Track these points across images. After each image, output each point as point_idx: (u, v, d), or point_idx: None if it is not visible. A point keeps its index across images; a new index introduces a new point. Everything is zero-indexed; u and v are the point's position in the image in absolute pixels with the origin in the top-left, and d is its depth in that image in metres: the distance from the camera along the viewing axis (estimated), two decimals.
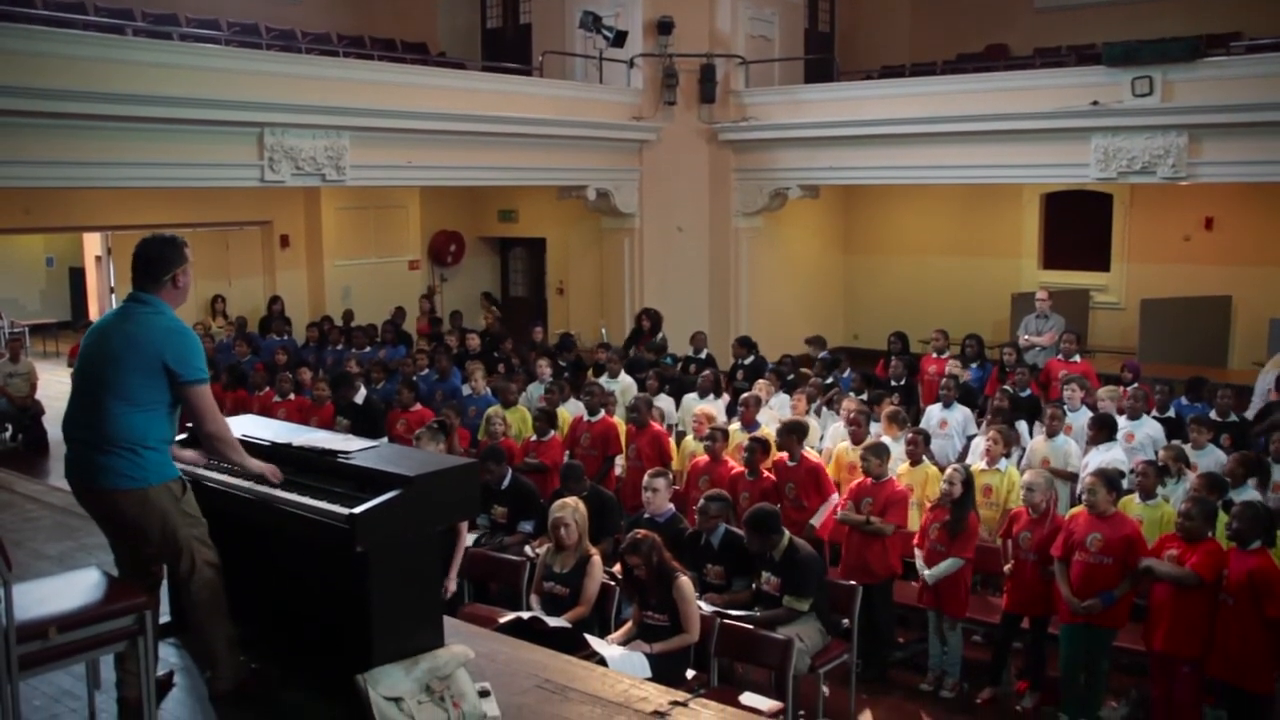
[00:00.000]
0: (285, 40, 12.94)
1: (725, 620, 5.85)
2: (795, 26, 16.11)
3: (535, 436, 8.79)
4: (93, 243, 20.58)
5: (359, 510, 3.73)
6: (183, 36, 11.17)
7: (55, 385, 14.74)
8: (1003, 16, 16.15)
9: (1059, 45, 14.64)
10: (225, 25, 12.48)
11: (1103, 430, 7.93)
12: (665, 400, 10.06)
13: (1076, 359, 10.69)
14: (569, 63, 15.23)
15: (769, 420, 9.12)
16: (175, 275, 3.95)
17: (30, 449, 12.92)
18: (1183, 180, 11.86)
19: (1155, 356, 13.10)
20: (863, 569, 6.93)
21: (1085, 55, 13.16)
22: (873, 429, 8.71)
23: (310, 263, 15.85)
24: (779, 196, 15.12)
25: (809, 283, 17.13)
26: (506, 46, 16.07)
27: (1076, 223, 16.10)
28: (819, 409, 9.70)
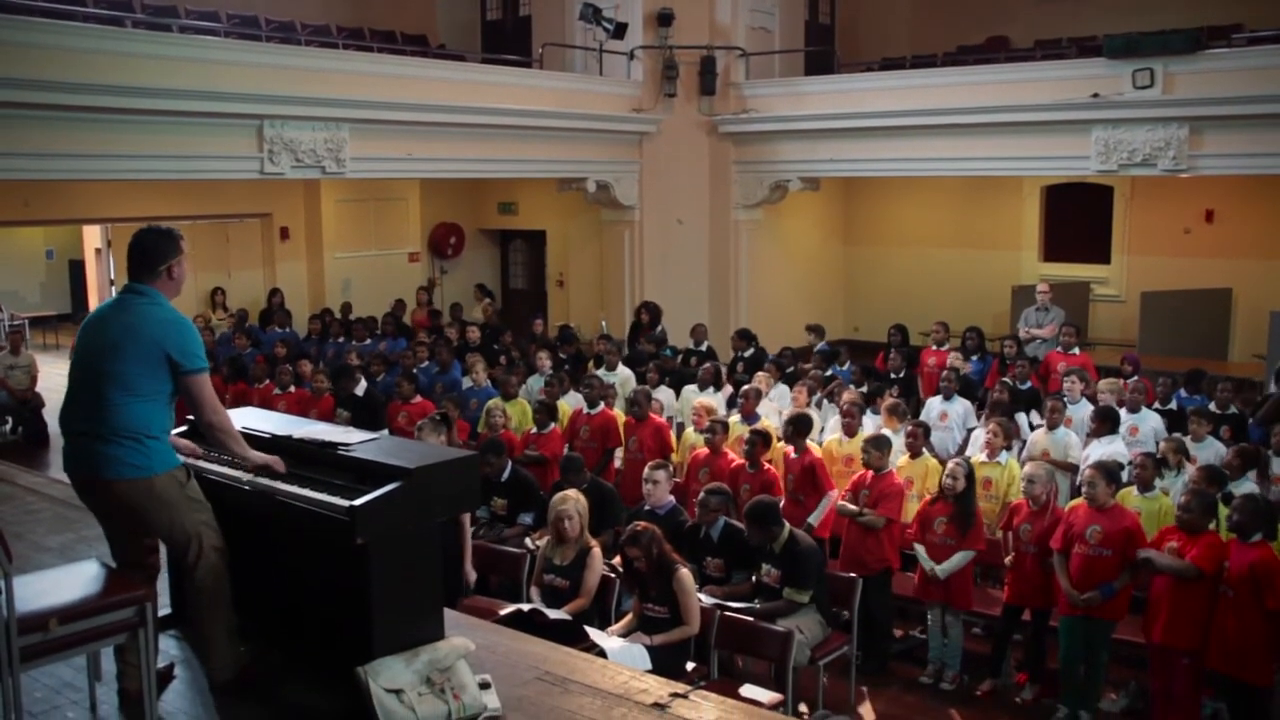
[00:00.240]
0: (285, 32, 12.91)
1: (725, 612, 5.86)
2: (795, 18, 16.07)
3: (535, 429, 8.80)
4: (92, 235, 20.54)
5: (359, 502, 3.74)
6: (182, 28, 11.14)
7: (55, 378, 14.73)
8: (1003, 8, 16.12)
9: (1060, 37, 14.62)
10: (224, 17, 12.45)
11: (1105, 423, 7.93)
12: (665, 392, 10.06)
13: (1076, 351, 10.69)
14: (569, 55, 15.21)
15: (769, 412, 9.12)
16: (170, 266, 3.96)
17: (30, 441, 12.93)
18: (1183, 172, 11.85)
19: (1155, 349, 13.10)
20: (858, 560, 6.94)
21: (1086, 47, 13.11)
22: (872, 421, 8.72)
23: (310, 255, 15.84)
24: (779, 189, 15.11)
25: (809, 275, 17.13)
26: (506, 38, 16.04)
27: (1077, 215, 16.10)
28: (819, 402, 9.70)
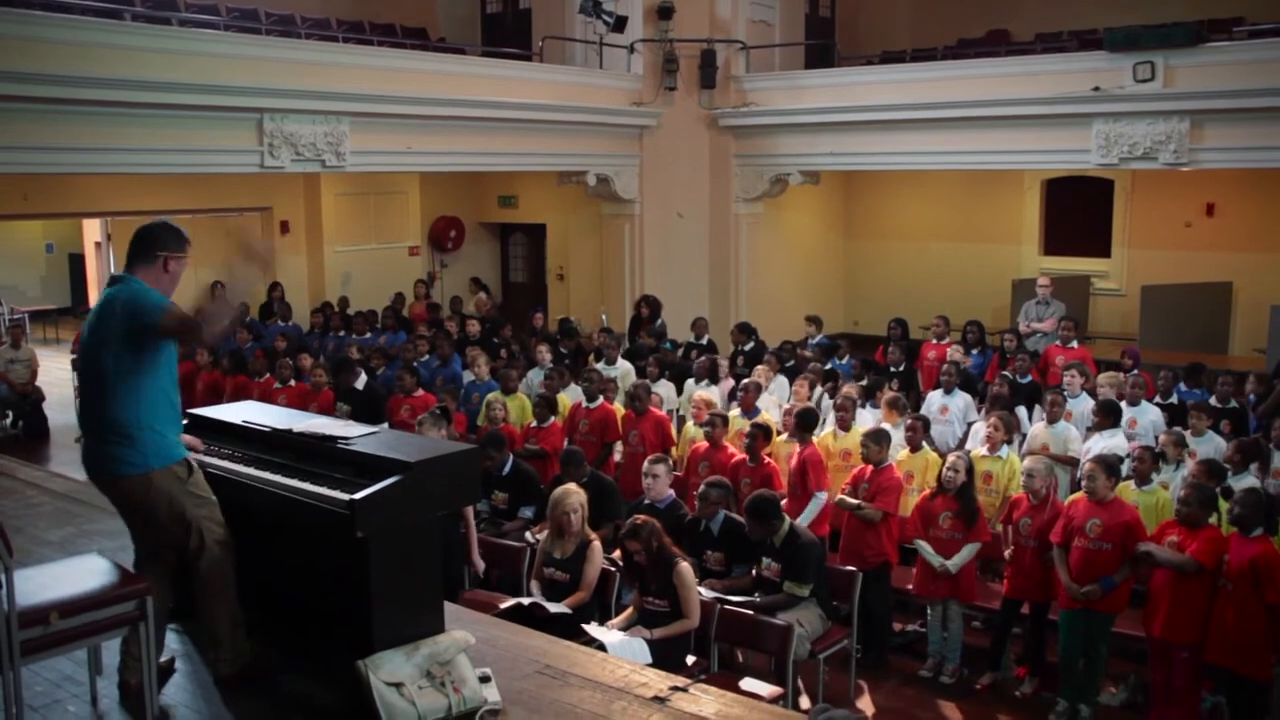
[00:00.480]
0: (284, 25, 12.88)
1: (725, 606, 5.87)
2: (796, 11, 16.03)
3: (535, 423, 8.80)
4: (92, 229, 20.54)
5: (359, 496, 3.74)
6: (182, 22, 11.12)
7: (56, 372, 14.76)
8: (1004, 2, 16.08)
9: (1060, 30, 14.57)
10: (224, 10, 12.43)
11: (1107, 416, 7.93)
12: (665, 386, 10.06)
13: (1074, 345, 10.69)
14: (569, 48, 15.18)
15: (768, 406, 9.12)
16: (166, 258, 3.92)
17: (31, 436, 12.93)
18: (1184, 166, 11.83)
19: (1156, 343, 13.10)
20: (856, 555, 6.95)
21: (1087, 40, 13.09)
22: (872, 415, 8.71)
23: (310, 249, 15.81)
24: (779, 182, 15.09)
25: (809, 269, 17.11)
26: (506, 31, 16.00)
27: (1077, 209, 16.09)
28: (819, 397, 9.68)
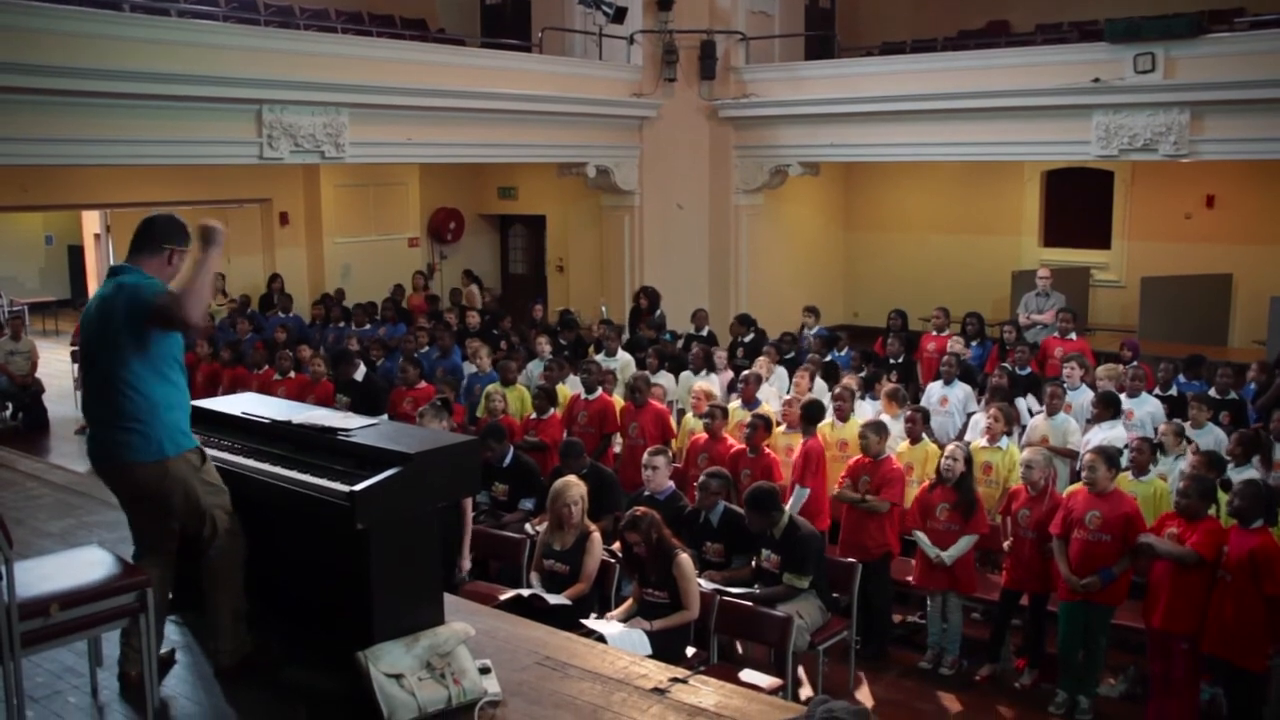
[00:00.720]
0: (283, 16, 12.84)
1: (725, 597, 5.88)
2: (796, 2, 15.97)
3: (535, 414, 8.79)
4: (91, 221, 20.53)
5: (359, 488, 3.75)
6: (180, 13, 11.08)
7: (56, 364, 14.77)
8: None
9: (1061, 22, 14.55)
10: (223, 1, 12.37)
11: (1108, 408, 7.93)
12: (665, 377, 10.06)
13: (1073, 337, 10.68)
14: (568, 39, 15.15)
15: (768, 397, 9.12)
16: (172, 251, 3.92)
17: (31, 427, 12.94)
18: (1184, 158, 11.80)
19: (1156, 335, 13.10)
20: (858, 547, 6.96)
21: (1087, 31, 13.05)
22: (871, 407, 8.71)
23: (310, 240, 15.79)
24: (779, 173, 15.07)
25: (809, 260, 17.09)
26: (506, 22, 15.96)
27: (1077, 200, 16.06)
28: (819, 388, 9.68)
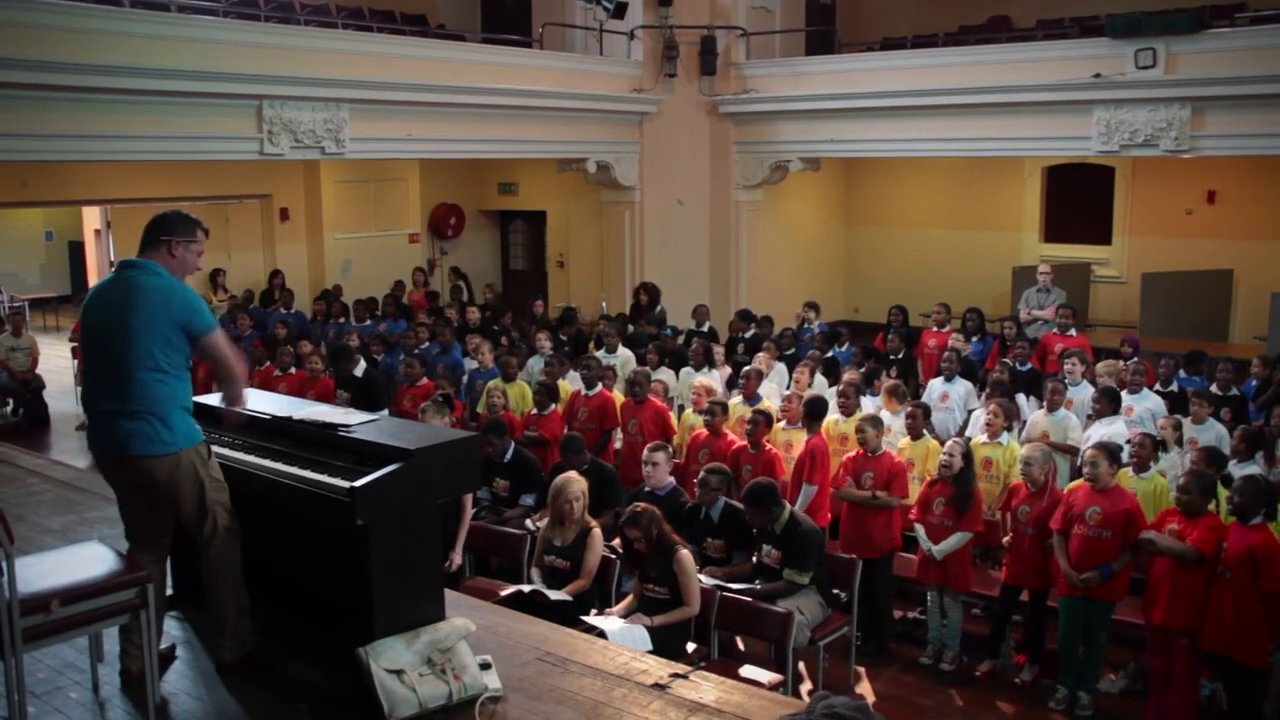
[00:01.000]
0: (283, 12, 12.82)
1: (725, 593, 5.88)
2: None
3: (536, 410, 8.79)
4: (92, 216, 20.54)
5: (360, 484, 3.75)
6: (181, 8, 11.07)
7: (56, 360, 14.77)
8: None
9: (1062, 17, 14.53)
10: None
11: (1109, 403, 7.93)
12: (666, 373, 10.05)
13: (1073, 333, 10.67)
14: (569, 34, 15.14)
15: (768, 393, 9.12)
16: (173, 242, 3.93)
17: (32, 423, 12.94)
18: (1185, 153, 11.80)
19: (1156, 330, 13.10)
20: (865, 542, 6.95)
21: (1088, 27, 13.03)
22: (871, 403, 8.71)
23: (310, 236, 15.80)
24: (780, 169, 15.07)
25: (810, 256, 17.09)
26: (506, 18, 15.94)
27: (1078, 196, 16.06)
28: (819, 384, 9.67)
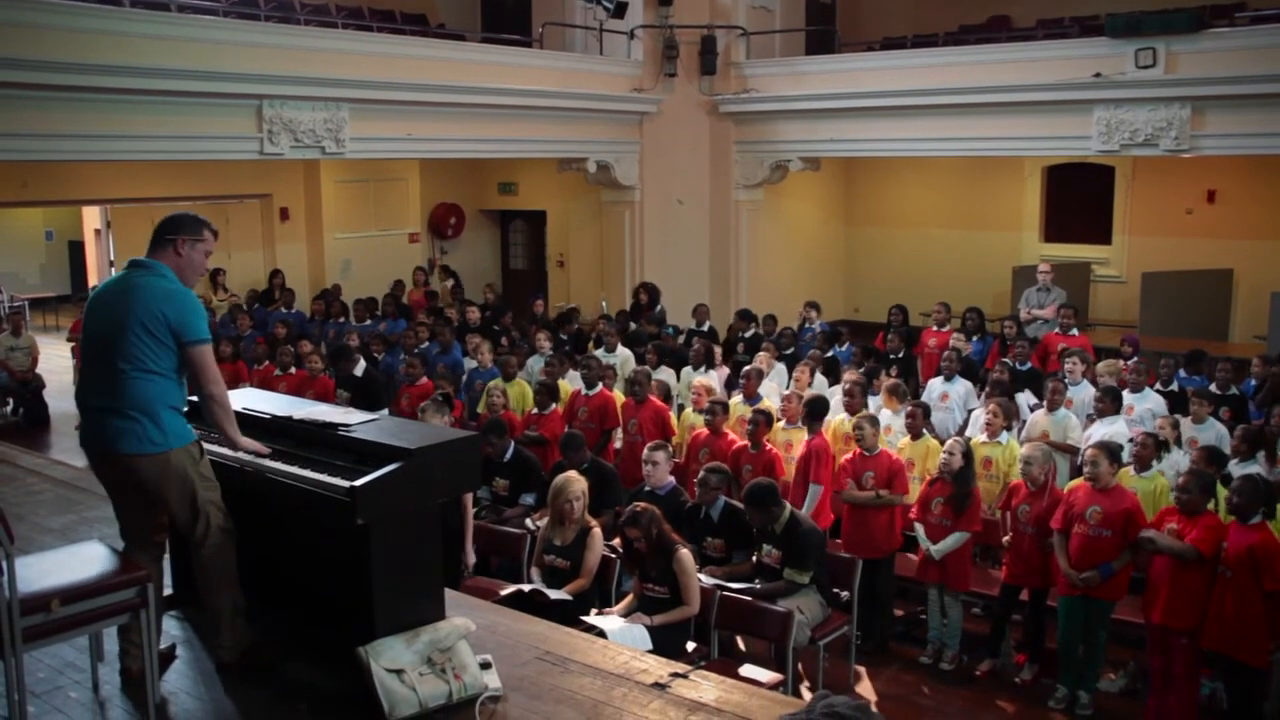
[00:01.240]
0: (283, 12, 12.82)
1: (725, 593, 5.88)
2: None
3: (536, 410, 8.79)
4: (92, 216, 20.55)
5: (360, 483, 3.74)
6: (181, 8, 11.08)
7: (56, 359, 14.77)
8: None
9: (1062, 17, 14.53)
10: None
11: (1111, 403, 7.93)
12: (666, 372, 10.05)
13: (1074, 333, 10.68)
14: (569, 34, 15.14)
15: (768, 392, 9.12)
16: (179, 240, 3.94)
17: (32, 423, 12.94)
18: (1185, 153, 11.80)
19: (1156, 330, 13.10)
20: (868, 543, 6.96)
21: (1088, 26, 13.04)
22: (872, 402, 8.71)
23: (310, 236, 15.81)
24: (780, 169, 15.07)
25: (810, 255, 17.10)
26: (506, 18, 15.95)
27: (1078, 196, 16.07)
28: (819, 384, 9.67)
